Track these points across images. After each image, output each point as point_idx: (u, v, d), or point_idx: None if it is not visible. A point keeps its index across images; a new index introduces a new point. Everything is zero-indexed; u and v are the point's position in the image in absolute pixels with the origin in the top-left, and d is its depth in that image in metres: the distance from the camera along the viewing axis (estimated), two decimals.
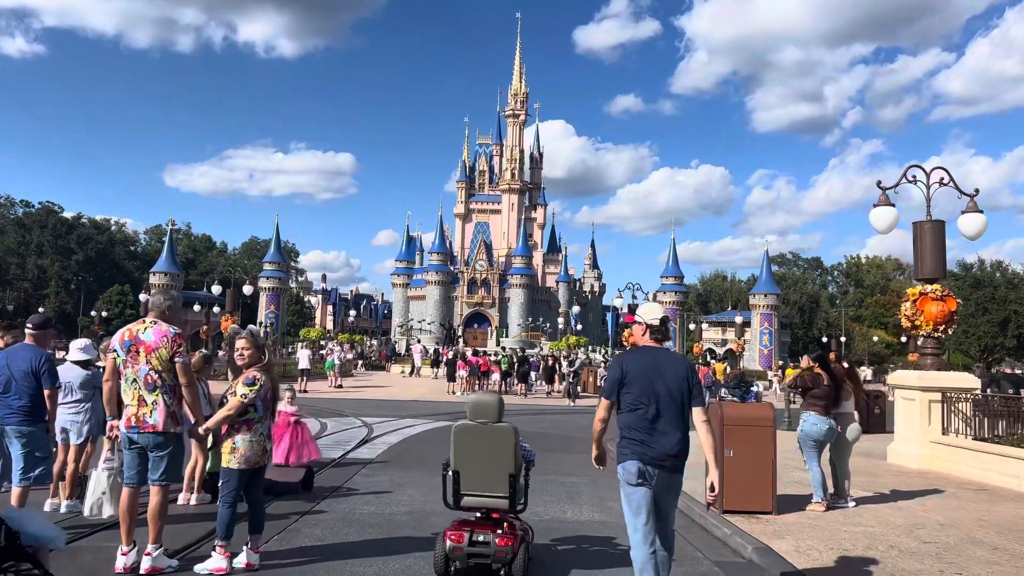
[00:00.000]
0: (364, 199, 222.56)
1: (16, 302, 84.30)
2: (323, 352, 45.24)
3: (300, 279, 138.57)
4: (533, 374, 31.63)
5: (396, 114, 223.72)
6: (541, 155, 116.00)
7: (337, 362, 35.61)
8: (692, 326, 60.77)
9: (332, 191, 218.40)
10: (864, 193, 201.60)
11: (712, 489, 5.04)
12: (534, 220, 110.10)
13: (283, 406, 11.74)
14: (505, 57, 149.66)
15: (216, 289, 37.03)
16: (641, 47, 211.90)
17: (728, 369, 31.74)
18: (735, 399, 8.57)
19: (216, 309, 49.18)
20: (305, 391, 29.49)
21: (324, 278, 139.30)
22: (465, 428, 5.90)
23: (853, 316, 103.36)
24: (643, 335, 5.07)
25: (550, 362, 30.44)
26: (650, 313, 5.11)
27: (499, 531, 5.78)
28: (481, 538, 5.72)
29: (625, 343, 37.81)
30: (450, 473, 5.92)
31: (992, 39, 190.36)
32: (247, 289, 35.65)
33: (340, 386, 33.70)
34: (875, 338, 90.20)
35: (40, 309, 78.60)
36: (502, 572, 5.74)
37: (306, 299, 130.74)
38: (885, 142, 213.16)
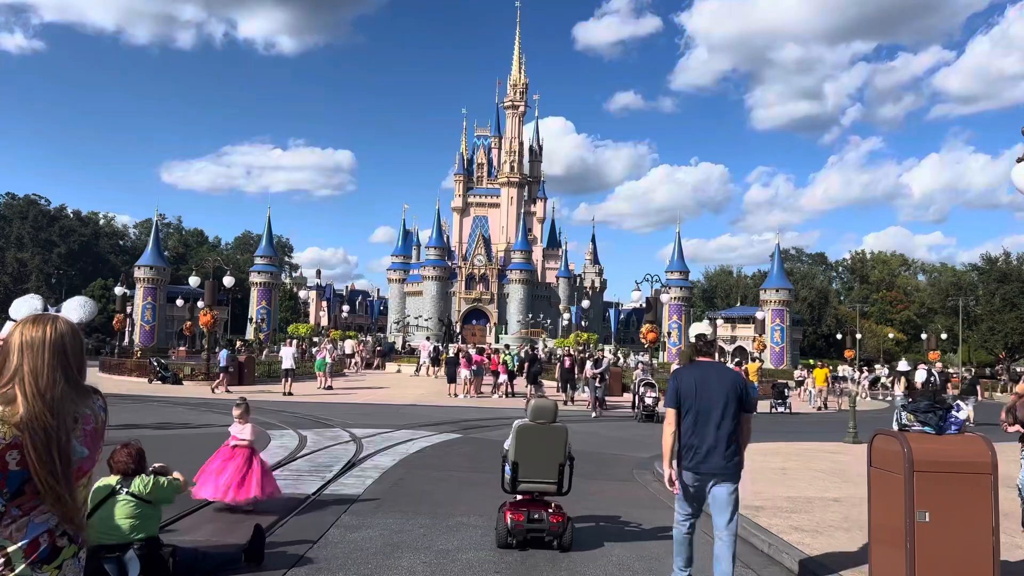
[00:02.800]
0: (363, 196, 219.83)
1: None
2: (314, 350, 41.97)
3: (294, 274, 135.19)
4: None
5: (395, 111, 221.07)
6: (541, 147, 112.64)
7: (329, 360, 32.37)
8: (706, 322, 57.63)
9: (331, 188, 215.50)
10: (862, 190, 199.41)
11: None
12: (534, 214, 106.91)
13: (233, 428, 8.60)
14: (504, 53, 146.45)
15: (194, 280, 33.50)
16: (641, 44, 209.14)
17: (760, 368, 28.58)
18: (928, 430, 5.41)
19: (200, 304, 45.88)
20: (290, 394, 26.37)
21: (319, 273, 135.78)
22: (527, 427, 7.03)
23: (859, 313, 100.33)
24: (693, 353, 5.78)
25: (567, 363, 25.65)
26: (692, 331, 6.62)
27: (550, 510, 6.89)
28: (537, 516, 6.80)
29: (643, 340, 34.68)
30: (509, 465, 6.98)
31: (992, 37, 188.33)
32: (228, 280, 32.13)
33: (330, 387, 30.50)
34: (890, 335, 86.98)
35: None
36: (554, 543, 6.81)
37: (301, 295, 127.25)
38: (884, 139, 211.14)
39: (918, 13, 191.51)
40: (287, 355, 28.85)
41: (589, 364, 22.26)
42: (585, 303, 50.83)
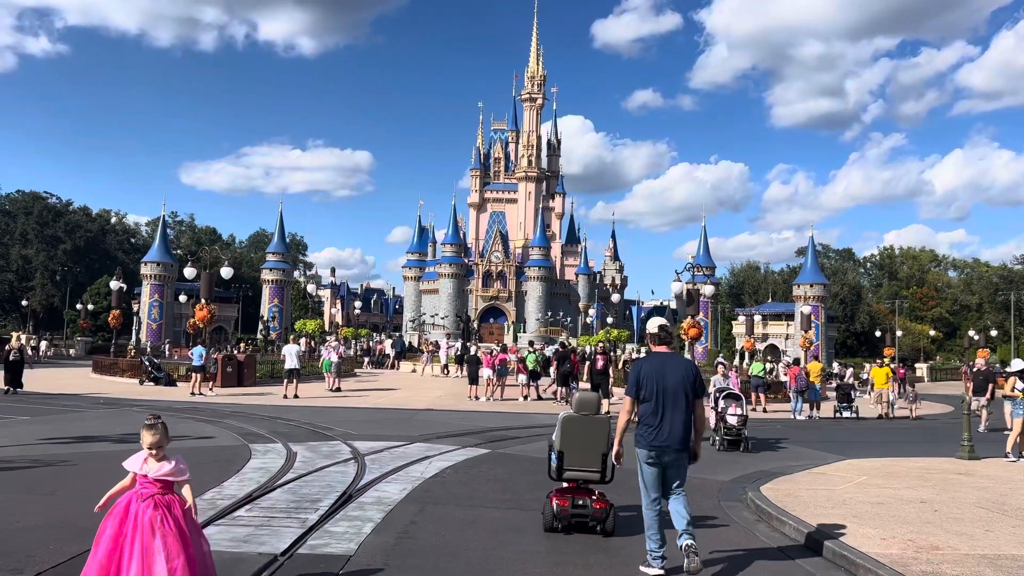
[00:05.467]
0: (380, 196, 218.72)
1: None
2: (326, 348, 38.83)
3: (308, 272, 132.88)
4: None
5: (414, 112, 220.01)
6: (559, 141, 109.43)
7: (335, 359, 29.33)
8: (742, 318, 54.15)
9: (349, 188, 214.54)
10: (884, 187, 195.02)
11: (693, 456, 6.02)
12: (552, 210, 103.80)
13: (136, 464, 5.07)
14: (522, 52, 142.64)
15: (189, 272, 30.45)
16: (660, 41, 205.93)
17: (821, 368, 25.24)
18: None
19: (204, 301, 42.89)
20: (296, 396, 23.42)
21: (333, 272, 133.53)
22: (572, 418, 7.38)
23: (890, 309, 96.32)
24: (652, 343, 6.28)
25: (600, 363, 21.88)
26: (650, 325, 6.34)
27: (593, 497, 7.32)
28: (581, 502, 7.26)
29: (683, 336, 31.52)
30: (555, 454, 7.39)
31: (1017, 32, 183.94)
32: (226, 272, 28.99)
33: (338, 389, 27.51)
34: (931, 332, 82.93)
35: (24, 302, 72.79)
36: (597, 528, 7.25)
37: (315, 293, 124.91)
38: (907, 136, 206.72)
39: (942, 8, 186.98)
40: (291, 354, 25.77)
41: None
42: (615, 297, 47.56)
